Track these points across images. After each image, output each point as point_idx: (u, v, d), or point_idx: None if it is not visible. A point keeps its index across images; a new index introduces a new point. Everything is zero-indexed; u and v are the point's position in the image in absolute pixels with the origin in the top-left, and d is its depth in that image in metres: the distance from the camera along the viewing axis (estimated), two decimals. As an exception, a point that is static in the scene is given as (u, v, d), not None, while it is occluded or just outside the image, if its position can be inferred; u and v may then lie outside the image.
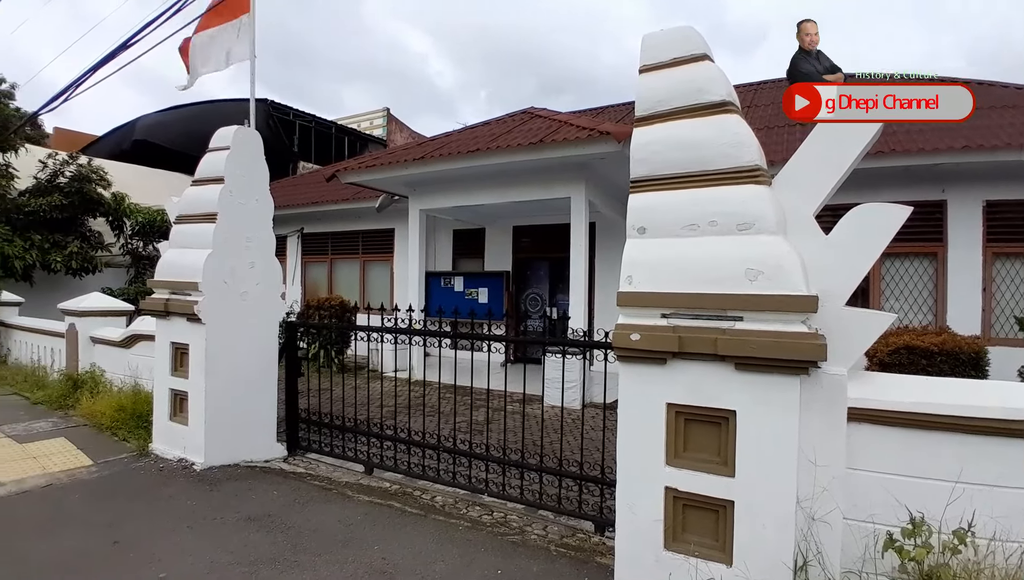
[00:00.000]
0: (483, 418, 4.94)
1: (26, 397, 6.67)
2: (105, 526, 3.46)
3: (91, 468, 4.44)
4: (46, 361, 7.72)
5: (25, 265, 11.65)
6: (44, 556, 3.08)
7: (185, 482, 4.20)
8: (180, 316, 4.51)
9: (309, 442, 4.98)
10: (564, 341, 3.72)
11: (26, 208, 12.38)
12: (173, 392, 4.68)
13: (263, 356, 4.81)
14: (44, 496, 3.91)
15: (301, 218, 12.32)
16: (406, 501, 3.97)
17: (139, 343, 5.93)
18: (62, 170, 13.09)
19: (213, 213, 4.51)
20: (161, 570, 2.97)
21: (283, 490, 4.14)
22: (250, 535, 3.39)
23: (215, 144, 4.77)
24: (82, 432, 5.26)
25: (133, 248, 14.33)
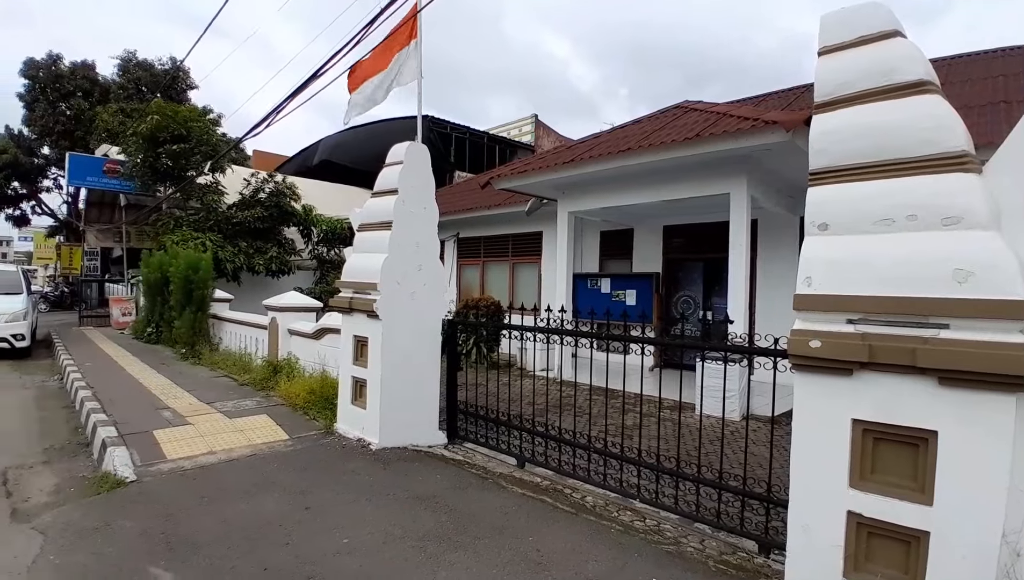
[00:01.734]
0: (632, 423, 4.87)
1: (235, 379, 7.90)
2: (299, 493, 4.00)
3: (287, 442, 5.16)
4: (251, 349, 9.11)
5: (234, 267, 13.87)
6: (249, 516, 3.63)
7: (363, 460, 4.71)
8: (361, 313, 5.07)
9: (467, 432, 5.30)
10: (726, 346, 3.53)
11: (234, 220, 14.73)
12: (354, 379, 5.27)
13: (428, 350, 5.22)
14: (249, 464, 4.60)
15: (457, 224, 13.11)
16: (557, 497, 4.05)
17: (327, 335, 6.79)
18: (262, 187, 15.39)
19: (389, 221, 5.01)
20: (344, 536, 3.36)
21: (445, 474, 4.45)
22: (418, 512, 3.70)
23: (390, 159, 5.29)
24: (280, 411, 6.12)
25: (319, 253, 16.39)
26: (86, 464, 4.72)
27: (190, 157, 14.11)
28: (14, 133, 26.80)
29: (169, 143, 13.78)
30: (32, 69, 25.97)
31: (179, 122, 14.04)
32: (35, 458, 4.87)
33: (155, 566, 2.97)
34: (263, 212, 14.93)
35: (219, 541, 3.25)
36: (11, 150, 25.67)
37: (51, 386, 8.15)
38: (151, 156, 13.94)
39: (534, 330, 4.59)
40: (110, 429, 5.13)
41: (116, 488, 4.01)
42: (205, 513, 3.63)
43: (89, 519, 3.53)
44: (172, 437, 5.10)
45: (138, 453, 4.62)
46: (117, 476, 4.15)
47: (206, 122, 15.47)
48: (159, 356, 9.96)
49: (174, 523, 3.47)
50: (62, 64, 26.44)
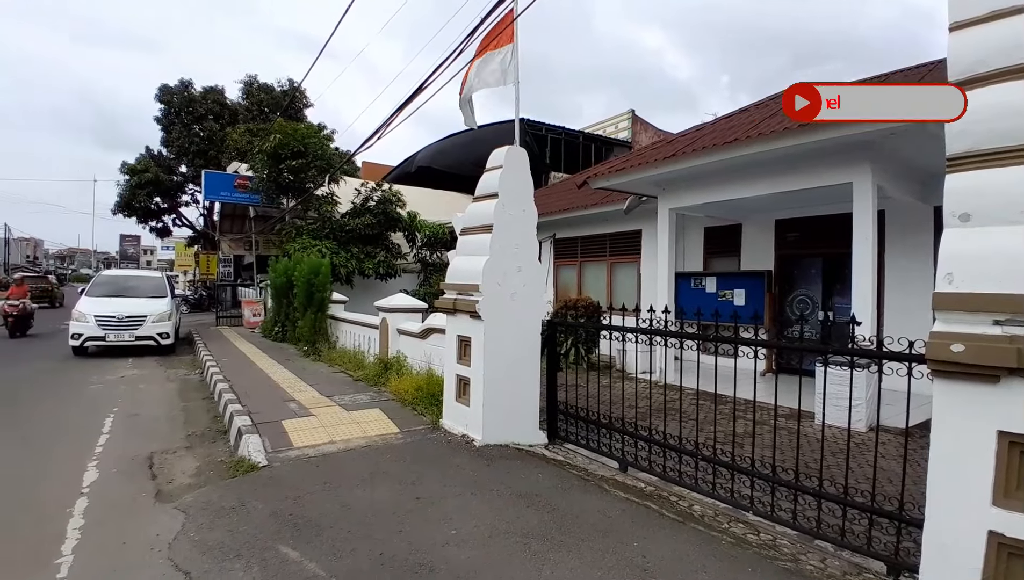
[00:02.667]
0: (743, 430, 4.62)
1: (350, 375, 8.45)
2: (410, 484, 4.20)
3: (398, 435, 5.44)
4: (364, 347, 9.71)
5: (347, 272, 14.84)
6: (366, 503, 3.86)
7: (467, 455, 4.86)
8: (465, 313, 5.24)
9: (567, 433, 5.30)
10: (854, 350, 3.25)
11: (346, 227, 15.78)
12: (458, 377, 5.46)
13: (528, 350, 5.29)
14: (364, 454, 4.90)
15: (553, 225, 13.16)
16: (662, 504, 3.94)
17: (432, 335, 7.09)
18: (371, 196, 16.36)
19: (489, 225, 5.14)
20: (452, 528, 3.49)
21: (546, 474, 4.48)
22: (521, 510, 3.76)
23: (491, 164, 5.42)
24: (391, 405, 6.47)
25: (422, 256, 17.17)
26: (223, 449, 5.27)
27: (307, 171, 15.34)
28: (154, 153, 30.37)
29: (289, 159, 15.06)
30: (167, 95, 29.35)
31: (298, 139, 15.30)
32: (179, 444, 5.51)
33: (284, 545, 3.25)
34: (372, 219, 15.88)
35: (340, 524, 3.50)
36: (152, 169, 29.15)
37: (192, 379, 9.18)
38: (274, 172, 15.32)
39: (636, 331, 4.50)
40: (245, 418, 5.69)
41: (250, 472, 4.44)
42: (327, 498, 3.92)
43: (226, 500, 3.93)
44: (297, 427, 5.56)
45: (269, 440, 5.08)
46: (251, 461, 4.59)
47: (321, 138, 16.74)
48: (285, 353, 10.90)
49: (300, 506, 3.78)
50: (193, 89, 29.65)
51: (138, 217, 31.34)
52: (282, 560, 3.07)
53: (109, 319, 11.33)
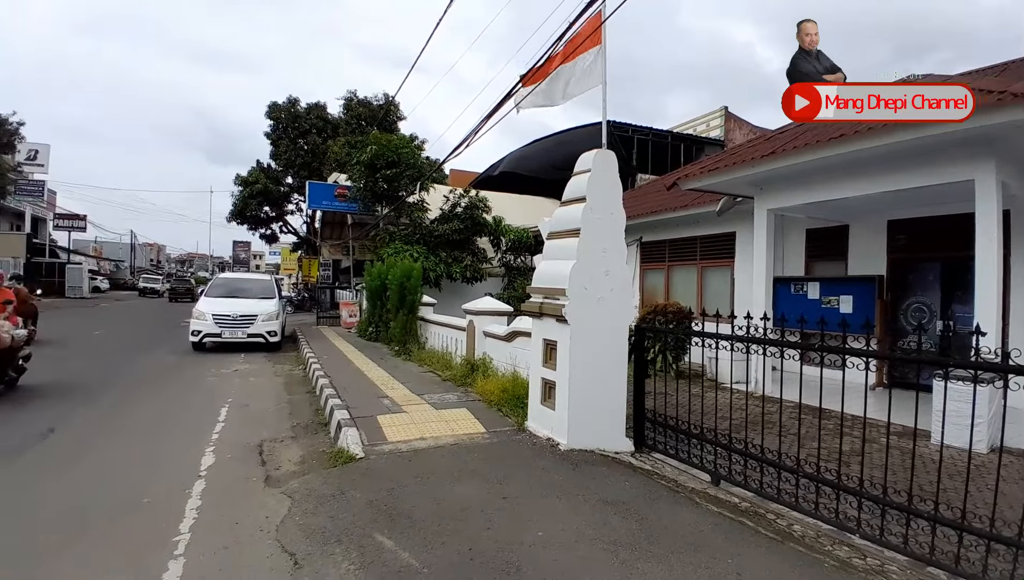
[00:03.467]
0: (850, 448, 4.30)
1: (438, 375, 8.72)
2: (496, 483, 4.27)
3: (484, 435, 5.54)
4: (451, 348, 9.99)
5: (436, 275, 15.36)
6: (455, 499, 3.96)
7: (552, 458, 4.86)
8: (551, 317, 5.27)
9: (655, 442, 5.17)
10: (976, 363, 2.93)
11: (435, 233, 16.35)
12: (544, 381, 5.49)
13: (615, 356, 5.21)
14: (452, 452, 5.03)
15: (640, 228, 12.89)
16: (758, 521, 3.74)
17: (518, 338, 7.18)
18: (459, 202, 16.86)
19: (577, 229, 5.14)
20: (539, 529, 3.50)
21: (633, 483, 4.39)
22: (608, 517, 3.71)
23: (579, 168, 5.42)
24: (477, 406, 6.61)
25: (507, 260, 17.43)
26: (324, 440, 5.61)
27: (400, 179, 16.09)
28: (264, 167, 32.99)
29: (384, 168, 15.87)
30: (275, 112, 31.80)
31: (392, 150, 16.10)
32: (285, 433, 5.93)
33: (379, 533, 3.41)
34: (459, 225, 16.38)
35: (431, 518, 3.62)
36: (262, 181, 31.73)
37: (296, 374, 9.85)
38: (371, 181, 16.20)
39: (731, 338, 4.31)
40: (344, 412, 6.03)
41: (348, 463, 4.71)
42: (419, 491, 4.08)
43: (327, 488, 4.18)
44: (391, 422, 5.82)
45: (365, 434, 5.36)
46: (349, 452, 4.86)
47: (413, 148, 17.50)
48: (378, 352, 11.46)
49: (394, 497, 3.95)
50: (299, 106, 31.95)
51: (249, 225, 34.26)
52: (378, 548, 3.23)
53: (225, 318, 12.43)
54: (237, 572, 3.05)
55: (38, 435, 5.59)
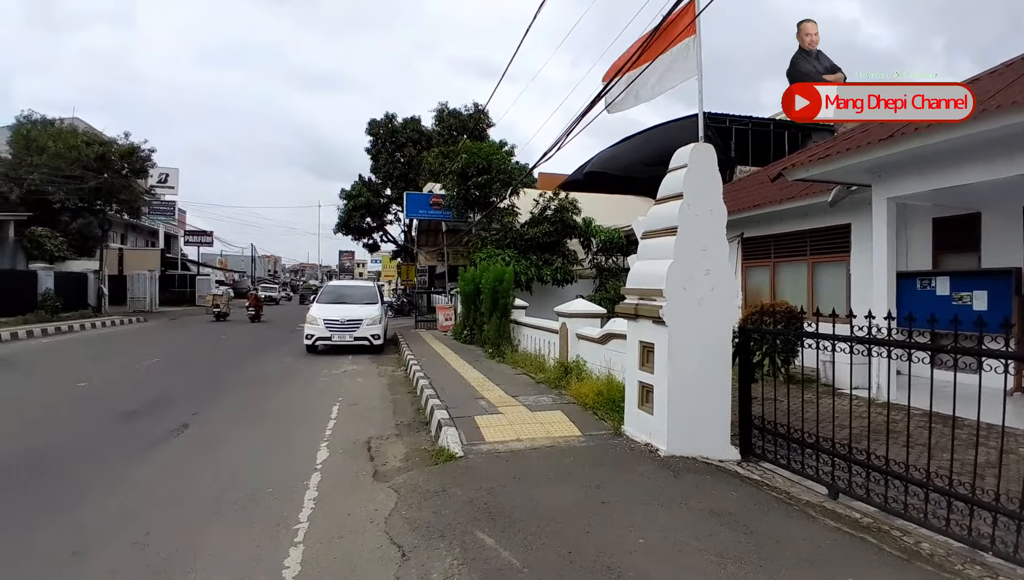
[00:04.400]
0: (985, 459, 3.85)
1: (532, 377, 8.78)
2: (594, 487, 4.22)
3: (580, 438, 5.50)
4: (544, 351, 10.01)
5: (527, 278, 15.49)
6: (553, 501, 3.96)
7: (651, 464, 4.73)
8: (647, 319, 5.13)
9: (763, 450, 4.88)
10: None
11: (525, 236, 16.51)
12: (640, 384, 5.35)
13: (718, 360, 4.98)
14: (548, 454, 5.03)
15: (741, 223, 12.23)
16: (881, 538, 3.43)
17: (612, 340, 7.06)
18: (548, 205, 16.91)
19: (673, 227, 4.97)
20: (639, 536, 3.41)
21: (740, 493, 4.17)
22: (713, 528, 3.54)
23: (674, 164, 5.24)
24: (572, 408, 6.57)
25: (598, 262, 17.24)
26: (426, 439, 5.84)
27: (492, 185, 16.44)
28: (365, 180, 34.96)
29: (476, 176, 16.29)
30: (374, 128, 33.61)
31: (482, 157, 16.49)
32: (390, 431, 6.23)
33: (480, 531, 3.48)
34: (549, 227, 16.43)
35: (529, 518, 3.65)
36: (365, 194, 33.69)
37: (398, 375, 10.32)
38: (463, 188, 16.70)
39: (850, 340, 3.98)
40: (443, 412, 6.24)
41: (449, 461, 4.86)
42: (517, 492, 4.12)
43: (430, 484, 4.33)
44: (488, 423, 5.94)
45: (464, 434, 5.50)
46: (449, 451, 5.02)
47: (503, 154, 17.80)
48: (473, 354, 11.76)
49: (493, 496, 4.02)
50: (395, 121, 33.56)
51: (353, 235, 36.53)
52: (480, 545, 3.30)
53: (334, 322, 13.32)
54: (351, 561, 3.24)
55: (175, 429, 6.27)
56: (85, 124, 29.78)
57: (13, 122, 25.76)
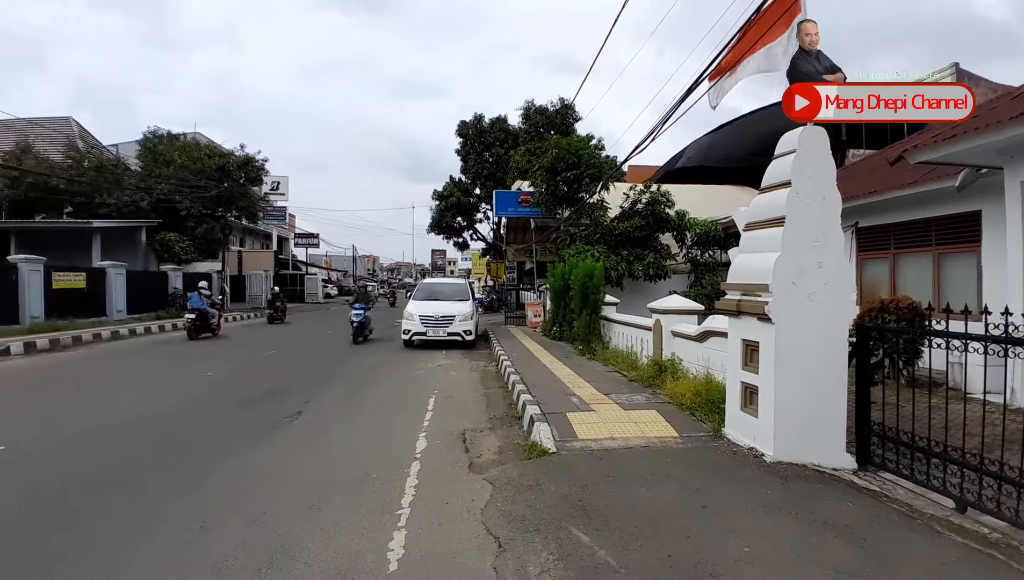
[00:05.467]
0: None
1: (624, 375, 8.60)
2: (694, 491, 4.07)
3: (677, 439, 5.32)
4: (636, 348, 9.79)
5: (617, 274, 15.18)
6: (649, 502, 3.86)
7: (757, 470, 4.48)
8: (750, 315, 4.86)
9: (882, 459, 4.48)
10: None
11: (615, 231, 16.17)
12: (743, 385, 5.08)
13: (831, 360, 4.61)
14: (643, 454, 4.91)
15: (855, 211, 11.24)
16: (1011, 555, 3.09)
17: (711, 338, 6.77)
18: (639, 198, 16.45)
19: (781, 217, 4.67)
20: (744, 544, 3.24)
21: (857, 504, 3.86)
22: (828, 540, 3.31)
23: (781, 149, 4.92)
24: (667, 408, 6.37)
25: (693, 256, 16.56)
26: (518, 433, 5.90)
27: (581, 181, 16.27)
28: (456, 181, 35.89)
29: (564, 171, 16.18)
30: (463, 130, 34.37)
31: (571, 152, 16.35)
32: (483, 424, 6.36)
33: (575, 527, 3.47)
34: (640, 221, 16.00)
35: (625, 518, 3.58)
36: (455, 194, 34.62)
37: (490, 370, 10.52)
38: (551, 185, 16.66)
39: (983, 339, 3.55)
40: (535, 408, 6.28)
41: (542, 456, 4.88)
42: (611, 490, 4.07)
43: (524, 478, 4.37)
44: (580, 420, 5.90)
45: (556, 430, 5.50)
46: (542, 447, 5.04)
47: (592, 149, 17.56)
48: (563, 350, 11.74)
49: (588, 494, 3.99)
50: (483, 122, 34.12)
51: (445, 234, 37.69)
52: (575, 542, 3.28)
53: (429, 318, 13.83)
54: (450, 548, 3.34)
55: (289, 416, 6.77)
56: (206, 138, 32.92)
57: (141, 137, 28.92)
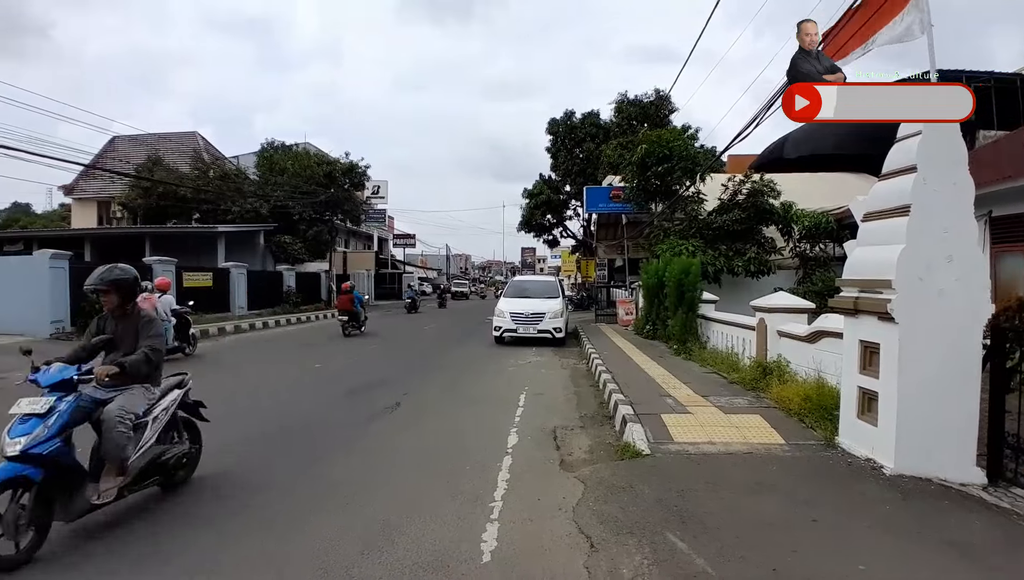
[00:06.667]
0: None
1: (724, 376, 8.17)
2: (802, 503, 3.79)
3: (783, 447, 4.97)
4: (737, 348, 9.28)
5: (715, 270, 14.44)
6: (753, 512, 3.64)
7: (874, 483, 4.11)
8: (870, 314, 4.43)
9: (1015, 474, 3.99)
10: None
11: (713, 225, 15.40)
12: (860, 390, 4.65)
13: (961, 364, 4.11)
14: (746, 461, 4.64)
15: (987, 199, 9.90)
16: None
17: (823, 339, 6.27)
18: (739, 189, 15.52)
19: (905, 206, 4.22)
20: (860, 562, 2.99)
21: (986, 523, 3.48)
22: (950, 562, 3.01)
23: (904, 132, 4.46)
24: (772, 413, 5.98)
25: (800, 250, 15.40)
26: (610, 433, 5.80)
27: (673, 173, 15.66)
28: (546, 179, 35.95)
29: (656, 165, 15.65)
30: (553, 127, 34.32)
31: (663, 145, 15.78)
32: (574, 422, 6.32)
33: (671, 533, 3.34)
34: (740, 214, 15.10)
35: (726, 527, 3.41)
36: (545, 192, 34.73)
37: (580, 368, 10.44)
38: (642, 179, 16.19)
39: None
40: (627, 408, 6.14)
41: (635, 458, 4.76)
42: (711, 497, 3.88)
43: (617, 479, 4.29)
44: (675, 422, 5.69)
45: (650, 431, 5.34)
46: (635, 448, 4.91)
47: (685, 140, 16.86)
48: (656, 350, 11.39)
49: (684, 499, 3.84)
50: (574, 118, 33.88)
51: (535, 232, 37.93)
52: (671, 548, 3.17)
53: (519, 315, 13.96)
54: (541, 544, 3.35)
55: (389, 407, 7.10)
56: (315, 147, 35.31)
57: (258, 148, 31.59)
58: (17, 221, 45.42)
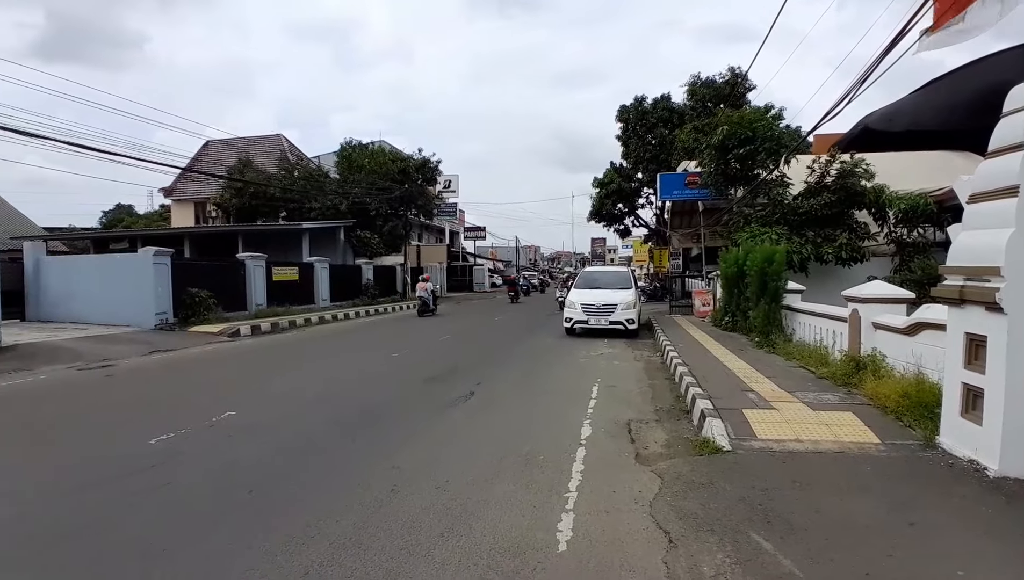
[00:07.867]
0: None
1: (811, 371, 7.74)
2: (899, 505, 3.57)
3: (879, 446, 4.67)
4: (827, 341, 8.78)
5: (801, 258, 13.66)
6: (843, 514, 3.46)
7: (977, 486, 3.80)
8: (976, 304, 4.08)
9: None
10: None
11: (799, 210, 14.52)
12: (965, 386, 4.29)
13: (1090, 359, 3.71)
14: (836, 460, 4.40)
15: None
16: None
17: (923, 331, 5.82)
18: (827, 171, 14.52)
19: (1013, 186, 3.83)
20: (959, 568, 2.81)
21: (1114, 535, 3.11)
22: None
23: (1011, 105, 4.05)
24: (866, 411, 5.62)
25: (897, 236, 14.28)
26: (687, 427, 5.68)
27: (755, 156, 14.89)
28: (616, 167, 35.23)
29: (737, 148, 14.93)
30: (623, 114, 33.54)
31: (744, 126, 15.00)
32: (649, 416, 6.22)
33: (755, 533, 3.25)
34: (829, 197, 14.14)
35: (814, 529, 3.27)
36: (616, 180, 34.05)
37: (654, 360, 10.24)
38: (721, 164, 15.50)
39: None
40: (706, 402, 5.98)
41: (715, 454, 4.63)
42: (797, 497, 3.73)
43: (696, 475, 4.20)
44: (759, 418, 5.48)
45: (731, 427, 5.18)
46: (715, 443, 4.79)
47: (768, 120, 15.99)
48: (736, 342, 10.97)
49: (769, 498, 3.71)
50: (646, 103, 32.97)
51: (605, 222, 37.34)
52: (755, 548, 3.09)
53: (590, 306, 13.86)
54: (618, 537, 3.35)
55: (464, 395, 7.31)
56: (390, 145, 36.52)
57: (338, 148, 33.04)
58: (121, 221, 50.12)
